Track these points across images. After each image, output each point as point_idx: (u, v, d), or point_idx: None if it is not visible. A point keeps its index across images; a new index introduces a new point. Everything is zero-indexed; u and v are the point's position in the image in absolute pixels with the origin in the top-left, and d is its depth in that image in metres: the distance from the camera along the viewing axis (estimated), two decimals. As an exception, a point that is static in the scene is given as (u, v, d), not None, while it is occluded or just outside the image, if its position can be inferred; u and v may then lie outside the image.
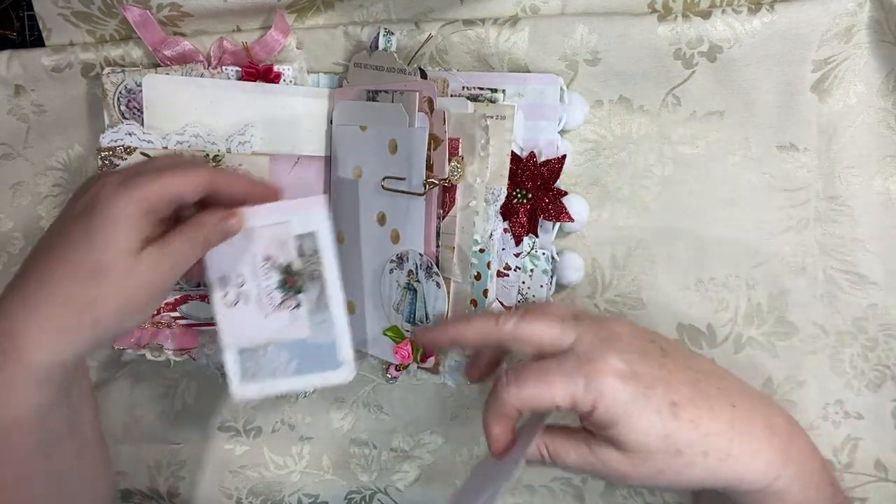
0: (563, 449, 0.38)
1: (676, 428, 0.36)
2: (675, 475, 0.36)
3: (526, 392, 0.37)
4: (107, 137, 0.49)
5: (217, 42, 0.50)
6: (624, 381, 0.36)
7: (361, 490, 0.55)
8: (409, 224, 0.45)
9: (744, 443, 0.37)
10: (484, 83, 0.48)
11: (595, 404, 0.36)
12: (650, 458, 0.36)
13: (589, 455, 0.37)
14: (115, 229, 0.37)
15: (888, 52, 0.46)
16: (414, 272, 0.45)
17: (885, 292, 0.48)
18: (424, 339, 0.41)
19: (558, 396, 0.36)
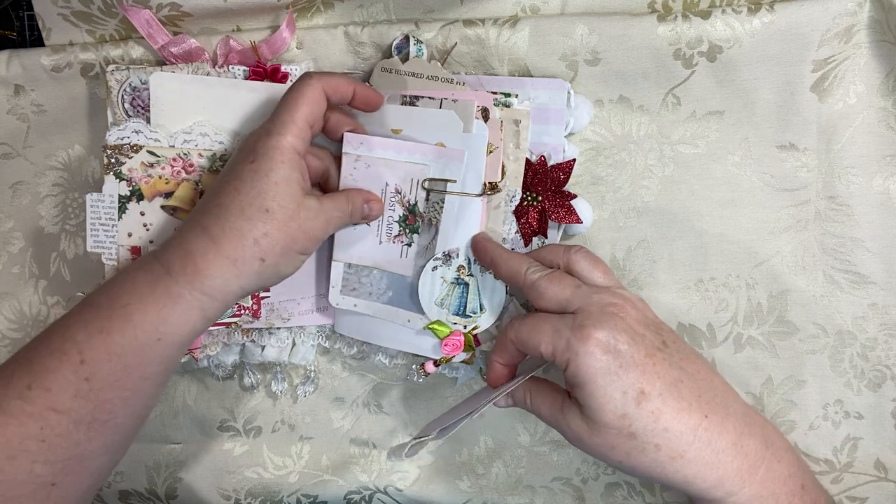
0: (541, 400, 0.43)
1: (636, 413, 0.38)
2: (625, 456, 0.39)
3: (522, 332, 0.42)
4: (113, 135, 0.49)
5: (223, 41, 0.50)
6: (602, 351, 0.39)
7: (361, 490, 0.55)
8: (458, 223, 0.47)
9: (701, 451, 0.39)
10: (496, 87, 0.48)
11: (569, 363, 0.39)
12: (605, 430, 0.39)
13: (558, 412, 0.41)
14: (281, 174, 0.40)
15: (888, 52, 0.46)
16: (465, 267, 0.48)
17: (885, 292, 0.48)
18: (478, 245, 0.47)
19: (543, 344, 0.40)
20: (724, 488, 0.39)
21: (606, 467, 0.53)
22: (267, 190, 0.40)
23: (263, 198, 0.40)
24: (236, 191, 0.40)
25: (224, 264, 0.39)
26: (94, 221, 0.49)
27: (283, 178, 0.40)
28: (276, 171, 0.40)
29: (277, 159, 0.40)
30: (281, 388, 0.54)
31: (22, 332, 0.57)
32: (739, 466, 0.39)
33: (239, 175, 0.41)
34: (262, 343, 0.52)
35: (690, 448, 0.39)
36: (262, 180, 0.40)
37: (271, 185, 0.40)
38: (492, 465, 0.54)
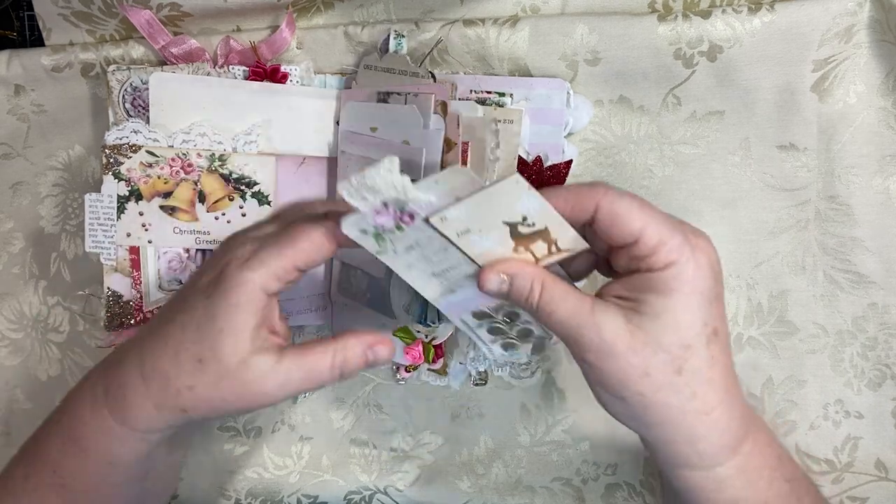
0: (560, 295, 0.34)
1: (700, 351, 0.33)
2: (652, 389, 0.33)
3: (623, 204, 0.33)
4: (112, 135, 0.49)
5: (223, 41, 0.50)
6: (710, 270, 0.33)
7: (361, 490, 0.55)
8: None
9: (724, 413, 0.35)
10: (491, 87, 0.48)
11: (674, 263, 0.32)
12: (653, 351, 0.33)
13: (586, 313, 0.33)
14: (231, 321, 0.34)
15: (888, 52, 0.46)
16: None
17: (885, 291, 0.48)
18: None
19: (650, 227, 0.32)
20: (720, 456, 0.35)
21: (607, 468, 0.52)
22: (206, 337, 0.34)
23: (201, 345, 0.34)
24: (181, 326, 0.35)
25: (147, 406, 0.36)
26: (93, 221, 0.49)
27: (230, 327, 0.34)
28: (225, 315, 0.34)
29: (233, 300, 0.34)
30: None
31: (22, 332, 0.57)
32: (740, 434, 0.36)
33: (192, 306, 0.35)
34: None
35: (719, 407, 0.34)
36: (207, 324, 0.34)
37: (215, 332, 0.34)
38: (492, 465, 0.54)
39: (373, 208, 0.33)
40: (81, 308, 0.55)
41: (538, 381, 0.52)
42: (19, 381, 0.57)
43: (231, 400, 0.35)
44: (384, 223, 0.34)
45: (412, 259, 0.36)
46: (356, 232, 0.34)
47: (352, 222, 0.34)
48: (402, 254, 0.36)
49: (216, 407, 0.35)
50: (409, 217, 0.34)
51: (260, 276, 0.34)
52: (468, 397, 0.53)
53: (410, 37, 0.49)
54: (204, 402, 0.35)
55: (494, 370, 0.52)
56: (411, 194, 0.32)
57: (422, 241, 0.35)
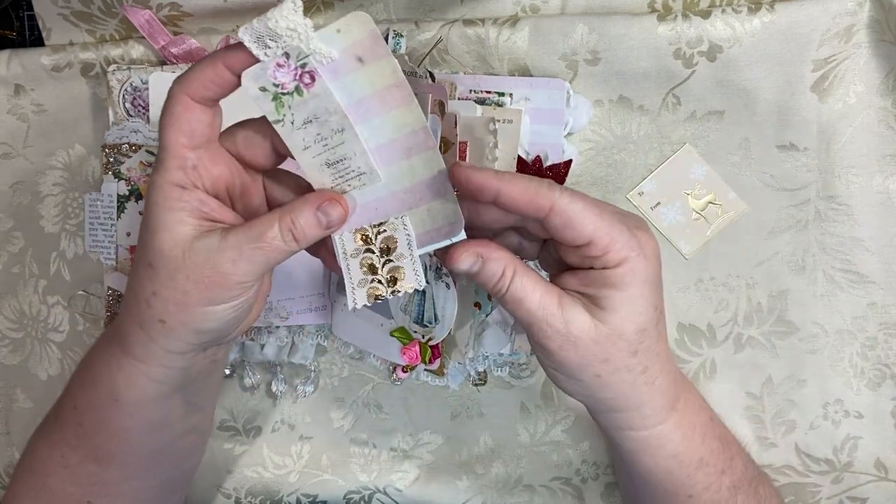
0: (531, 284, 0.35)
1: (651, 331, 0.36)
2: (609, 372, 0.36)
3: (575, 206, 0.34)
4: (112, 135, 0.49)
5: (223, 41, 0.50)
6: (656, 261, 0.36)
7: (360, 490, 0.55)
8: None
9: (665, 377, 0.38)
10: (491, 87, 0.48)
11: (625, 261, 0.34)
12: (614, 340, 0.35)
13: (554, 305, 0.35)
14: (157, 219, 0.34)
15: (888, 52, 0.46)
16: None
17: (885, 291, 0.48)
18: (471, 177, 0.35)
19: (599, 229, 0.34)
20: (660, 416, 0.38)
21: (607, 467, 0.53)
22: (146, 241, 0.35)
23: (146, 251, 0.35)
24: (139, 245, 0.36)
25: (135, 330, 0.36)
26: (93, 221, 0.49)
27: (159, 224, 0.34)
28: (152, 216, 0.35)
29: (152, 201, 0.34)
30: (281, 389, 0.54)
31: (22, 332, 0.57)
32: (675, 394, 0.39)
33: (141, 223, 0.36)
34: (262, 342, 0.52)
35: (661, 375, 0.37)
36: (145, 231, 0.35)
37: (150, 235, 0.35)
38: (491, 464, 0.54)
39: (274, 59, 0.33)
40: (81, 308, 0.55)
41: (538, 381, 0.52)
42: (19, 381, 0.57)
43: (194, 292, 0.34)
44: (284, 81, 0.34)
45: (309, 137, 0.35)
46: (256, 89, 0.34)
47: (252, 75, 0.33)
48: (300, 128, 0.35)
49: (185, 306, 0.35)
50: (309, 77, 0.33)
51: (161, 175, 0.34)
52: (468, 397, 0.53)
53: (410, 36, 0.49)
54: (171, 304, 0.35)
55: (494, 370, 0.52)
56: (313, 43, 0.32)
57: (320, 114, 0.34)
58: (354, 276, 0.38)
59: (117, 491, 0.41)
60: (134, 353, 0.37)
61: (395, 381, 0.53)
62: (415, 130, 0.35)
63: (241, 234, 0.34)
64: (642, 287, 0.35)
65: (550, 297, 0.35)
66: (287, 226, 0.34)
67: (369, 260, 0.38)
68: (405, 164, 0.36)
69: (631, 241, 0.35)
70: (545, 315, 0.35)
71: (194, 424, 0.43)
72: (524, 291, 0.35)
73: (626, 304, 0.35)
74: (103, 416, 0.39)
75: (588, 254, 0.35)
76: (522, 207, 0.35)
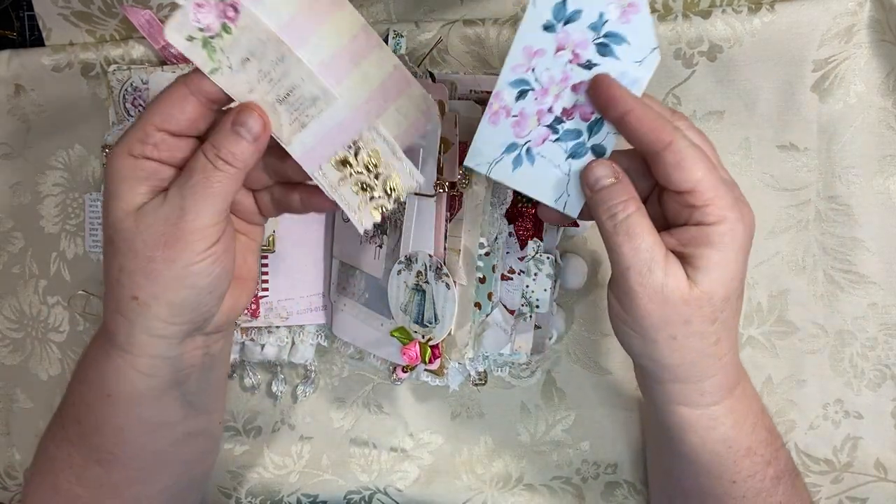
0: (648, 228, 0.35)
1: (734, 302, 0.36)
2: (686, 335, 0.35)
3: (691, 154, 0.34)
4: (112, 135, 0.49)
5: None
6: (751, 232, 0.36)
7: (361, 490, 0.55)
8: (416, 225, 0.45)
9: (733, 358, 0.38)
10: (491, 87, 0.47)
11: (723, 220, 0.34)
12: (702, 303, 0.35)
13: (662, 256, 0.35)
14: (110, 191, 0.34)
15: (888, 52, 0.46)
16: (423, 273, 0.45)
17: (885, 292, 0.48)
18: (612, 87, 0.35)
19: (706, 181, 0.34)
20: (718, 395, 0.38)
21: (607, 467, 0.53)
22: (105, 217, 0.35)
23: (106, 226, 0.35)
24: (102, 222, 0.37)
25: (115, 318, 0.36)
26: (93, 221, 0.49)
27: (111, 194, 0.34)
28: (106, 189, 0.35)
29: (106, 173, 0.35)
30: (281, 389, 0.54)
31: (22, 332, 0.57)
32: (736, 378, 0.39)
33: None
34: (262, 342, 0.52)
35: (730, 351, 0.37)
36: (102, 206, 0.35)
37: (105, 208, 0.35)
38: (492, 464, 0.54)
39: (192, 1, 0.31)
40: (81, 308, 0.55)
41: (538, 381, 0.53)
42: (19, 381, 0.57)
43: (157, 255, 0.33)
44: (208, 21, 0.32)
45: (251, 78, 0.34)
46: (182, 40, 0.32)
47: (174, 26, 0.32)
48: (239, 70, 0.33)
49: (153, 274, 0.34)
50: (232, 10, 0.32)
51: (121, 143, 0.34)
52: (468, 397, 0.53)
53: (410, 37, 0.49)
54: (139, 275, 0.34)
55: (494, 370, 0.52)
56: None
57: (255, 48, 0.33)
58: (351, 202, 0.37)
59: (124, 495, 0.41)
60: (118, 342, 0.36)
61: (395, 381, 0.53)
62: (355, 35, 0.33)
63: (178, 182, 0.34)
64: (737, 252, 0.35)
65: (660, 246, 0.35)
66: (210, 150, 0.34)
67: (359, 180, 0.36)
68: (357, 73, 0.34)
69: (734, 204, 0.35)
70: (650, 260, 0.34)
71: (200, 428, 0.43)
72: (641, 228, 0.35)
73: (721, 266, 0.35)
74: (98, 413, 0.39)
75: (689, 202, 0.35)
76: (644, 134, 0.35)
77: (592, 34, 0.35)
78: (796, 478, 0.42)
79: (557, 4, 0.34)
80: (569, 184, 0.38)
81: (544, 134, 0.37)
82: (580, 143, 0.37)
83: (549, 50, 0.35)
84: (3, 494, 0.58)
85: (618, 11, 0.34)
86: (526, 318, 0.48)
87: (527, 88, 0.36)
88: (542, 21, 0.34)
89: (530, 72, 0.36)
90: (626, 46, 0.35)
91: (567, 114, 0.37)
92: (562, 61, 0.35)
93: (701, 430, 0.38)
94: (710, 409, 0.38)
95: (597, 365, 0.52)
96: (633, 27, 0.34)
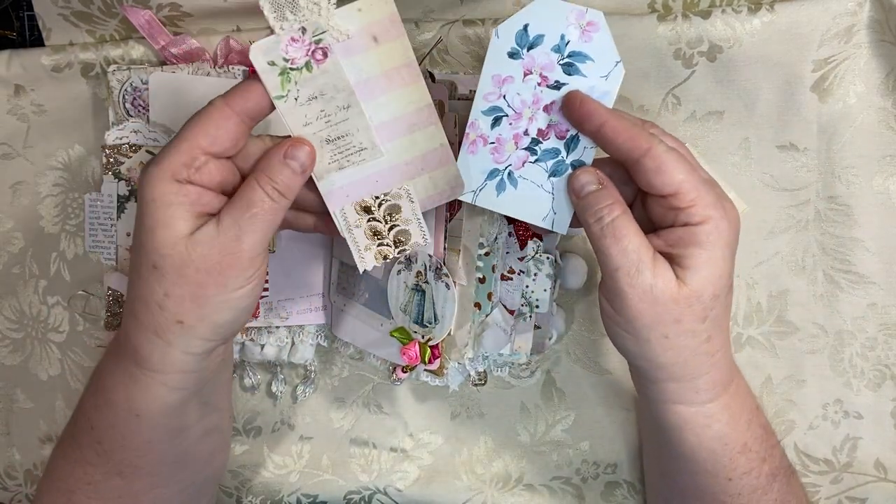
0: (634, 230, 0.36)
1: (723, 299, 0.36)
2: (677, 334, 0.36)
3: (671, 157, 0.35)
4: (112, 135, 0.49)
5: (224, 41, 0.50)
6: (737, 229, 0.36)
7: (361, 490, 0.55)
8: None
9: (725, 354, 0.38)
10: None
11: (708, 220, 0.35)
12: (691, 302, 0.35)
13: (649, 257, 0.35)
14: (155, 217, 0.34)
15: (888, 52, 0.46)
16: (423, 273, 0.45)
17: (885, 292, 0.48)
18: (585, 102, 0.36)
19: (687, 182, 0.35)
20: (712, 392, 0.38)
21: (607, 467, 0.53)
22: (145, 242, 0.34)
23: (146, 252, 0.34)
24: (134, 252, 0.35)
25: (149, 338, 0.36)
26: (93, 221, 0.49)
27: (157, 222, 0.34)
28: (148, 215, 0.34)
29: (148, 198, 0.34)
30: (281, 389, 0.54)
31: (22, 332, 0.57)
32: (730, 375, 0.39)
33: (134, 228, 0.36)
34: (262, 342, 0.52)
35: (722, 348, 0.38)
36: (142, 231, 0.34)
37: (147, 234, 0.34)
38: (492, 464, 0.54)
39: (289, 34, 0.33)
40: (81, 308, 0.55)
41: (538, 381, 0.53)
42: (19, 381, 0.57)
43: (208, 282, 0.34)
44: (295, 56, 0.34)
45: (311, 114, 0.36)
46: (264, 62, 0.34)
47: (262, 48, 0.34)
48: (303, 104, 0.35)
49: (203, 299, 0.34)
50: (321, 53, 0.34)
51: (163, 167, 0.34)
52: (468, 397, 0.53)
53: (410, 37, 0.49)
54: (188, 300, 0.34)
55: (494, 370, 0.52)
56: (333, 20, 0.33)
57: (327, 91, 0.35)
58: (360, 242, 0.39)
59: (144, 500, 0.41)
60: (149, 364, 0.36)
61: (394, 382, 0.53)
62: (420, 108, 0.36)
63: (233, 211, 0.34)
64: (724, 250, 0.35)
65: (647, 247, 0.36)
66: (267, 183, 0.35)
67: (373, 227, 0.39)
68: (407, 139, 0.37)
69: (716, 202, 0.35)
70: (638, 260, 0.35)
71: (214, 424, 0.43)
72: (628, 230, 0.35)
73: (709, 264, 0.35)
74: (124, 433, 0.39)
75: (673, 205, 0.35)
76: (621, 143, 0.35)
77: (557, 56, 0.36)
78: (792, 475, 0.42)
79: (519, 32, 0.36)
80: (554, 202, 0.39)
81: (523, 157, 0.39)
82: (560, 161, 0.38)
83: (517, 76, 0.37)
84: (3, 495, 0.58)
85: (578, 31, 0.36)
86: (526, 318, 0.48)
87: (500, 115, 0.38)
88: (506, 49, 0.36)
89: (502, 98, 0.37)
90: (590, 63, 0.36)
91: (543, 134, 0.38)
92: (531, 85, 0.37)
93: (697, 428, 0.38)
94: (706, 406, 0.38)
95: (597, 365, 0.52)
96: (595, 44, 0.36)
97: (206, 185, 0.35)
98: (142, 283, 0.35)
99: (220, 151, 0.35)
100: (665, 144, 0.35)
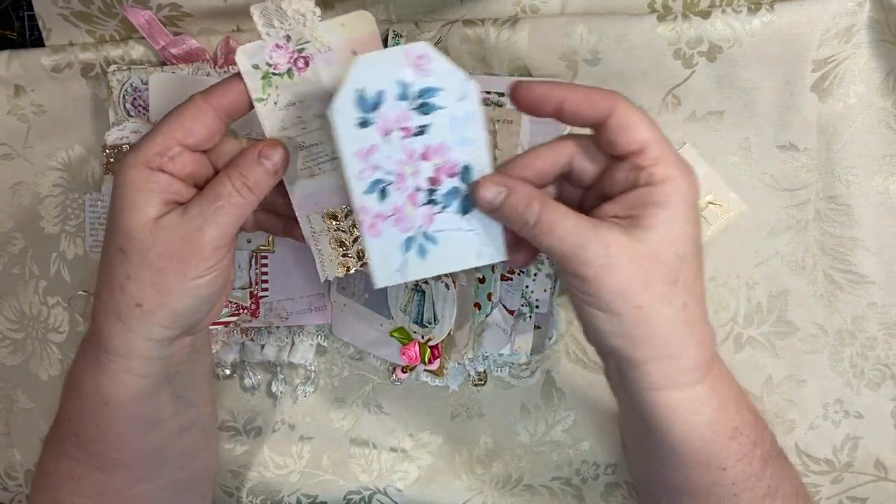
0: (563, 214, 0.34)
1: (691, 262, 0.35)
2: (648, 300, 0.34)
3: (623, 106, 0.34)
4: (112, 135, 0.49)
5: (224, 41, 0.50)
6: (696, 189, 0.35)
7: (361, 490, 0.55)
8: None
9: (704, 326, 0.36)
10: (491, 87, 0.48)
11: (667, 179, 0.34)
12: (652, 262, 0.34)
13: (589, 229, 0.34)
14: (125, 201, 0.35)
15: (888, 52, 0.46)
16: None
17: (885, 291, 0.48)
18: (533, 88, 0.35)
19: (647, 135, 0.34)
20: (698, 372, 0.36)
21: (607, 467, 0.53)
22: (115, 225, 0.35)
23: (115, 235, 0.35)
24: (106, 232, 0.37)
25: (111, 321, 0.36)
26: (93, 221, 0.49)
27: (126, 206, 0.35)
28: (119, 198, 0.35)
29: (120, 182, 0.35)
30: (281, 389, 0.54)
31: (22, 333, 0.57)
32: (712, 352, 0.37)
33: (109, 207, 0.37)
34: (262, 342, 0.52)
35: (700, 321, 0.35)
36: (112, 214, 0.36)
37: (117, 217, 0.35)
38: (491, 464, 0.54)
39: (274, 40, 0.35)
40: (81, 308, 0.55)
41: (538, 381, 0.53)
42: (19, 381, 0.57)
43: (169, 268, 0.35)
44: (278, 61, 0.36)
45: (288, 120, 0.37)
46: (248, 65, 0.36)
47: (248, 51, 0.35)
48: (281, 109, 0.37)
49: (162, 285, 0.35)
50: (303, 62, 0.36)
51: (138, 155, 0.35)
52: (468, 397, 0.53)
53: (410, 37, 0.49)
54: (148, 285, 0.35)
55: (494, 370, 0.52)
56: (316, 31, 0.35)
57: (305, 98, 0.36)
58: (324, 251, 0.41)
59: (126, 496, 0.41)
60: (112, 347, 0.37)
61: (394, 382, 0.53)
62: None
63: (201, 201, 0.36)
64: (685, 208, 0.34)
65: (583, 222, 0.34)
66: (238, 178, 0.36)
67: (338, 237, 0.40)
68: None
69: (679, 162, 0.34)
70: (579, 239, 0.33)
71: (191, 421, 0.43)
72: (555, 218, 0.34)
73: (668, 223, 0.34)
74: (97, 422, 0.39)
75: (636, 163, 0.34)
76: (585, 111, 0.34)
77: (405, 103, 0.34)
78: (784, 459, 0.41)
79: (357, 100, 0.34)
80: (478, 236, 0.37)
81: (428, 211, 0.36)
82: (464, 197, 0.36)
83: (378, 141, 0.35)
84: (4, 495, 0.58)
85: (412, 70, 0.34)
86: (525, 318, 0.48)
87: (384, 184, 0.36)
88: (353, 123, 0.34)
89: (376, 170, 0.35)
90: (441, 93, 0.34)
91: (435, 181, 0.36)
92: (396, 142, 0.35)
93: (685, 415, 0.36)
94: (694, 388, 0.36)
95: (597, 365, 0.52)
96: (435, 74, 0.34)
97: (177, 175, 0.36)
98: (109, 265, 0.36)
99: (195, 144, 0.36)
100: (629, 101, 0.34)
